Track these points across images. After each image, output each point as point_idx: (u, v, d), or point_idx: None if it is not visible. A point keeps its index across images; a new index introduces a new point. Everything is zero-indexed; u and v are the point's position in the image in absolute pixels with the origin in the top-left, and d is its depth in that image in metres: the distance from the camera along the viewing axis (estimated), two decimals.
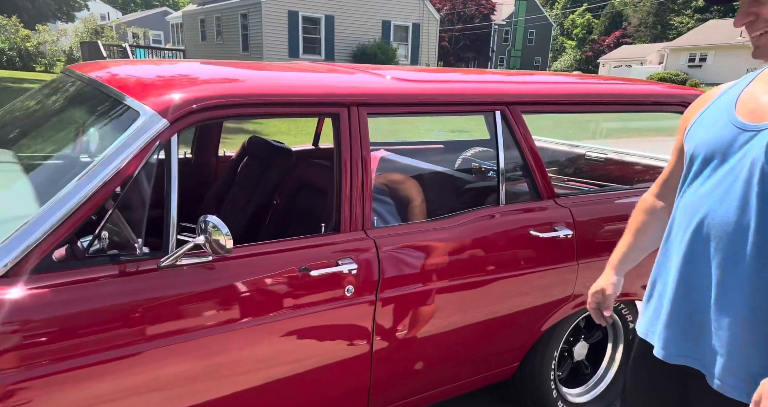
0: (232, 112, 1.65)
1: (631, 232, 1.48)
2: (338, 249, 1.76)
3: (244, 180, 2.80)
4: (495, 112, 2.09)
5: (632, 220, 1.49)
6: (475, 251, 1.96)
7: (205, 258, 1.55)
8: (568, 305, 2.14)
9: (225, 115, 1.64)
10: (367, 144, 1.87)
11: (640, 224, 1.46)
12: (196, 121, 1.59)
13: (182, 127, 1.57)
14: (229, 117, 1.67)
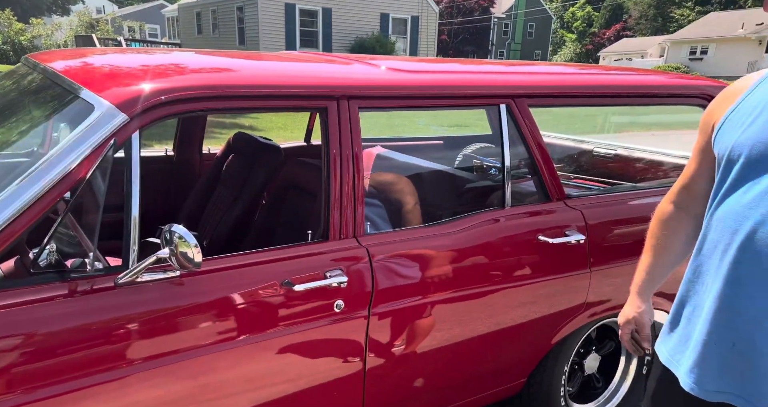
0: (205, 105, 1.45)
1: (652, 250, 1.30)
2: (326, 259, 1.57)
3: (229, 179, 2.60)
4: (499, 105, 1.89)
5: (651, 235, 1.31)
6: (478, 259, 1.77)
7: (172, 272, 1.36)
8: (580, 316, 1.96)
9: (197, 108, 1.45)
10: (358, 140, 1.67)
11: (660, 239, 1.28)
12: (162, 116, 1.39)
13: (146, 122, 1.37)
14: (202, 111, 1.47)
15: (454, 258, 1.73)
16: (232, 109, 1.51)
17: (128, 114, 1.34)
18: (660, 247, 1.28)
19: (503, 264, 1.81)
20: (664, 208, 1.28)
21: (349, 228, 1.63)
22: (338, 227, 1.62)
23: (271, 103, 1.56)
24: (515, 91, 1.92)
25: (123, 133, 1.33)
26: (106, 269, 1.30)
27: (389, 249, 1.65)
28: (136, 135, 1.35)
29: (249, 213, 2.43)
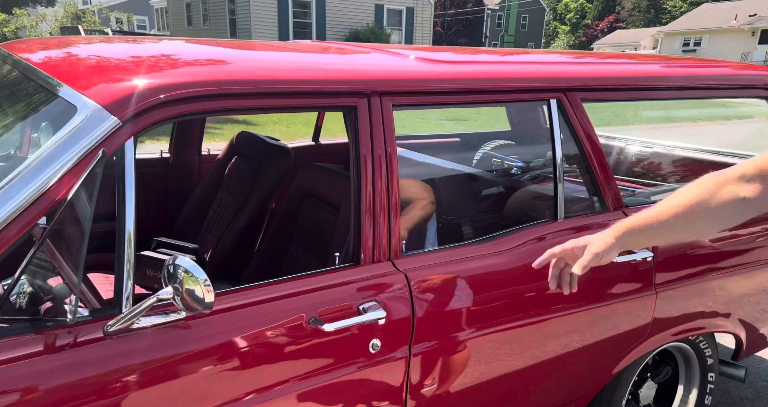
0: (213, 105, 1.19)
1: (686, 203, 1.05)
2: (359, 288, 1.31)
3: (233, 184, 2.33)
4: (550, 100, 1.63)
5: (696, 189, 1.06)
6: (531, 283, 1.51)
7: (176, 314, 1.09)
8: (644, 343, 1.71)
9: (203, 109, 1.18)
10: (393, 144, 1.41)
11: (707, 200, 1.03)
12: (162, 119, 1.12)
13: (142, 127, 1.10)
14: (210, 112, 1.21)
15: (504, 282, 1.48)
16: (244, 109, 1.24)
17: (120, 117, 1.06)
18: (699, 207, 1.04)
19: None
20: (729, 177, 1.03)
21: (383, 249, 1.37)
22: (371, 248, 1.36)
23: (291, 101, 1.30)
24: (567, 84, 1.66)
25: (113, 142, 1.06)
26: (92, 313, 1.04)
27: (430, 274, 1.40)
28: (129, 143, 1.08)
29: (256, 224, 2.16)
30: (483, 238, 1.54)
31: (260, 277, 1.84)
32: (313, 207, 1.72)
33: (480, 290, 1.44)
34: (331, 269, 1.33)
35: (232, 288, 1.21)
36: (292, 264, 1.77)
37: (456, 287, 1.42)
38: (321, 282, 1.28)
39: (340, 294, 1.28)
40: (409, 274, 1.37)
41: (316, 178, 1.72)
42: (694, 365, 1.97)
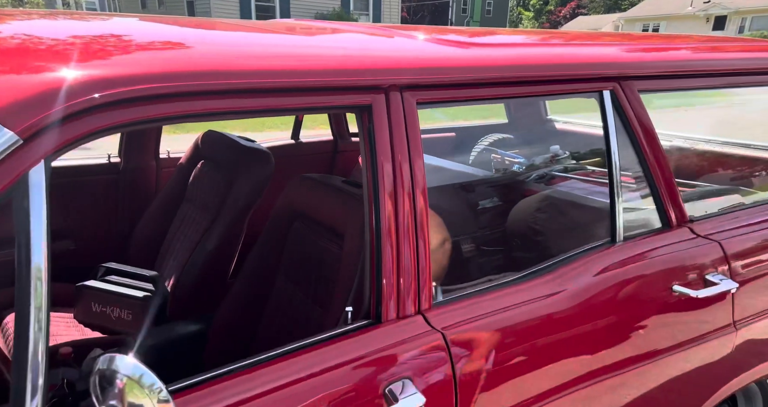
0: (173, 109, 0.80)
1: None
2: (384, 362, 0.94)
3: (199, 196, 1.92)
4: (602, 91, 1.29)
5: None
6: (599, 330, 1.17)
7: None
8: (720, 391, 1.40)
9: (158, 115, 0.79)
10: (420, 154, 1.04)
11: None
12: (91, 132, 0.73)
13: (59, 145, 0.70)
14: (168, 119, 0.81)
15: (564, 331, 1.13)
16: (217, 113, 0.85)
17: (19, 131, 0.66)
18: None
19: (630, 334, 1.22)
20: None
21: (410, 299, 1.01)
22: (395, 298, 0.99)
23: (284, 101, 0.91)
24: (621, 71, 1.32)
25: (9, 170, 0.65)
26: None
27: (474, 331, 1.04)
28: (38, 172, 0.68)
29: (229, 246, 1.76)
30: (528, 273, 1.19)
31: (238, 319, 1.47)
32: (307, 232, 1.33)
33: (536, 345, 1.09)
34: (341, 333, 0.96)
35: (194, 380, 0.82)
36: (280, 302, 1.39)
37: (508, 345, 1.06)
38: (329, 357, 0.91)
39: (358, 375, 0.91)
40: (448, 334, 1.00)
41: (311, 195, 1.33)
42: (758, 404, 1.69)
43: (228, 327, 1.45)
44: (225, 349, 1.45)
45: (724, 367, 1.38)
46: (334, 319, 1.14)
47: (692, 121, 7.00)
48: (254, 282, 1.44)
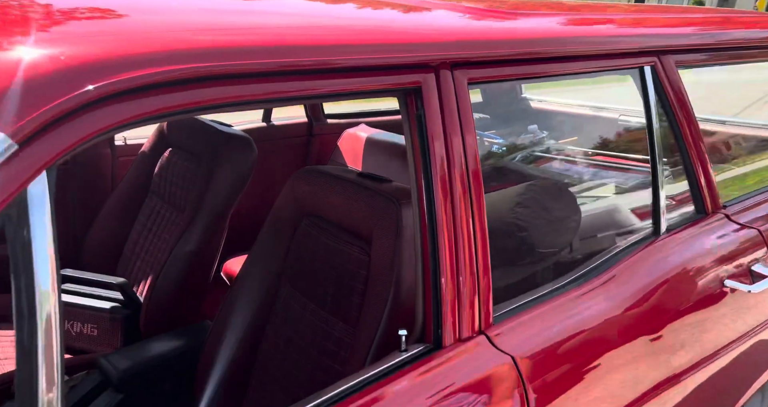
0: (190, 99, 0.60)
1: None
2: (454, 396, 0.78)
3: (169, 190, 1.67)
4: (643, 67, 1.17)
5: None
6: (658, 330, 1.07)
7: None
8: (755, 384, 1.34)
9: (172, 108, 0.58)
10: (476, 146, 0.88)
11: None
12: (97, 133, 0.52)
13: (66, 149, 0.49)
14: (183, 111, 0.61)
15: (630, 335, 1.02)
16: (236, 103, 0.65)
17: (11, 134, 0.45)
18: None
19: (689, 332, 1.12)
20: None
21: (472, 316, 0.85)
22: (457, 318, 0.83)
23: (317, 84, 0.72)
24: (661, 45, 1.20)
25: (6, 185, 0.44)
26: None
27: (541, 348, 0.90)
28: (39, 186, 0.47)
29: (210, 246, 1.54)
30: (578, 276, 1.06)
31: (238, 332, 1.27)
32: (319, 234, 1.14)
33: (609, 355, 0.97)
34: (394, 361, 0.79)
35: None
36: (288, 313, 1.20)
37: (578, 360, 0.94)
38: (393, 398, 0.74)
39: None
40: (516, 356, 0.86)
41: (322, 191, 1.13)
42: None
43: (225, 342, 1.25)
44: (222, 369, 1.25)
45: (762, 359, 1.33)
46: (368, 338, 0.97)
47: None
48: (255, 292, 1.24)
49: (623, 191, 1.52)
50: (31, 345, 0.47)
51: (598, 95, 2.92)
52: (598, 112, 2.84)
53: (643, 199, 1.28)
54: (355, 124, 2.21)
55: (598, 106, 2.88)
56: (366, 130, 2.10)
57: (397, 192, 1.01)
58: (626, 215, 1.35)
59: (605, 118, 2.74)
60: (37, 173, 0.47)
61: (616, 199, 1.43)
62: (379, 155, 1.93)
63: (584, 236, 1.26)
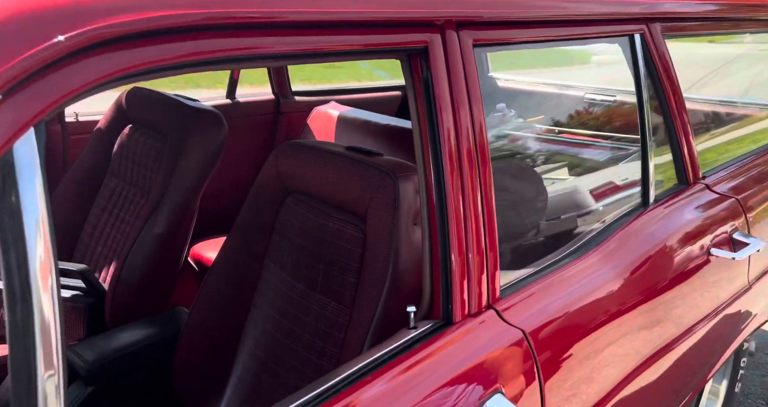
0: (183, 52, 0.52)
1: None
2: (470, 373, 0.75)
3: (132, 169, 1.55)
4: (633, 34, 1.16)
5: None
6: (653, 298, 1.07)
7: None
8: (730, 347, 1.38)
9: (170, 61, 0.51)
10: (482, 115, 0.84)
11: None
12: (110, 77, 0.45)
13: (58, 100, 0.41)
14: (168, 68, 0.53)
15: (629, 304, 1.01)
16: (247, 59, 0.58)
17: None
18: None
19: (681, 299, 1.13)
20: None
21: (482, 290, 0.82)
22: (467, 292, 0.80)
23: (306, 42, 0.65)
24: (649, 12, 1.19)
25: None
26: None
27: (550, 320, 0.88)
28: (29, 142, 0.39)
29: (181, 229, 1.44)
30: (576, 248, 1.05)
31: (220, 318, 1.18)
32: (307, 212, 1.07)
33: (610, 325, 0.96)
34: (409, 342, 0.75)
35: None
36: (274, 296, 1.13)
37: (584, 331, 0.92)
38: (393, 375, 0.70)
39: (445, 394, 0.71)
40: (527, 329, 0.83)
41: (307, 166, 1.06)
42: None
43: (206, 329, 1.18)
44: (203, 358, 1.18)
45: (738, 323, 1.37)
46: (366, 317, 0.93)
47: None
48: (236, 274, 1.17)
49: (605, 165, 1.52)
50: (26, 328, 0.39)
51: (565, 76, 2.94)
52: (564, 90, 2.86)
53: (629, 172, 1.29)
54: (325, 101, 2.13)
55: (564, 84, 2.90)
56: (337, 107, 2.02)
57: (393, 165, 0.96)
58: (612, 189, 1.35)
59: (573, 96, 2.76)
60: (24, 129, 0.39)
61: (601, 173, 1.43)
62: (353, 133, 1.86)
63: (576, 209, 1.25)
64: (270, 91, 2.21)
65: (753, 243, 1.21)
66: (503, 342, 0.80)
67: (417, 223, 0.92)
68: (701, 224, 1.21)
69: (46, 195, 0.41)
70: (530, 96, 3.00)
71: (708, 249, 1.18)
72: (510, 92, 2.95)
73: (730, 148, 1.77)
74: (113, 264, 1.51)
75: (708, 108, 2.32)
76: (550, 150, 1.85)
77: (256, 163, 2.26)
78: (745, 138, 2.02)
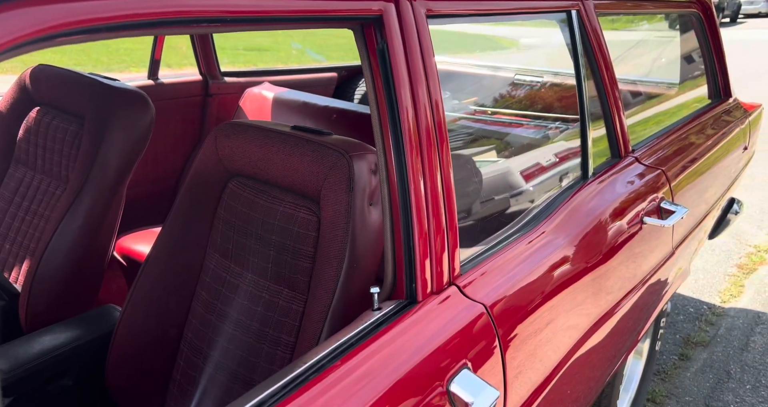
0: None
1: None
2: (439, 352, 0.74)
3: (42, 156, 1.40)
4: (570, 10, 1.19)
5: None
6: (598, 267, 1.11)
7: None
8: (656, 311, 1.47)
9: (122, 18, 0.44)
10: (438, 87, 0.82)
11: None
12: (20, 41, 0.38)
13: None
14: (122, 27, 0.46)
15: (577, 273, 1.05)
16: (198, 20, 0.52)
17: None
18: None
19: (619, 267, 1.19)
20: None
21: (444, 267, 0.81)
22: (431, 270, 0.78)
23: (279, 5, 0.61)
24: None
25: None
26: None
27: (507, 294, 0.89)
28: None
29: (105, 221, 1.33)
30: (525, 223, 1.07)
31: (158, 314, 1.09)
32: (253, 196, 1.01)
33: (561, 295, 0.99)
34: (375, 324, 0.73)
35: None
36: (219, 288, 1.06)
37: (538, 302, 0.94)
38: (362, 358, 0.68)
39: (414, 374, 0.70)
40: (487, 303, 0.84)
41: (252, 148, 0.99)
42: None
43: (143, 325, 1.09)
44: (142, 356, 1.10)
45: (664, 286, 1.47)
46: (322, 302, 0.89)
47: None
48: (175, 265, 1.09)
49: (546, 142, 1.56)
50: None
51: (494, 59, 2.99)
52: (496, 71, 2.91)
53: (568, 147, 1.33)
54: (257, 82, 2.03)
55: (495, 66, 2.96)
56: (271, 88, 1.94)
57: (345, 144, 0.92)
58: (554, 164, 1.39)
59: (504, 76, 2.82)
60: None
61: (543, 150, 1.46)
62: (291, 115, 1.79)
63: (523, 185, 1.28)
64: (197, 72, 2.07)
65: (678, 211, 1.30)
66: (466, 317, 0.79)
67: (372, 203, 0.89)
68: (635, 194, 1.27)
69: None
70: (464, 78, 3.03)
71: (642, 217, 1.25)
72: (443, 74, 2.98)
73: (648, 124, 1.88)
74: (26, 262, 1.36)
75: (625, 87, 2.46)
76: (489, 130, 1.88)
77: (184, 148, 2.13)
78: (660, 114, 2.16)
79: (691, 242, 1.62)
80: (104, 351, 1.12)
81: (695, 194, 1.57)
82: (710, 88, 2.05)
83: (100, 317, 1.24)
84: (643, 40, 2.81)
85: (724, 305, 2.59)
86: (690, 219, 1.55)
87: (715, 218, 1.97)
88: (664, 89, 2.37)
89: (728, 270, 2.91)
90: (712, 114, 1.89)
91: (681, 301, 2.62)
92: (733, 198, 2.16)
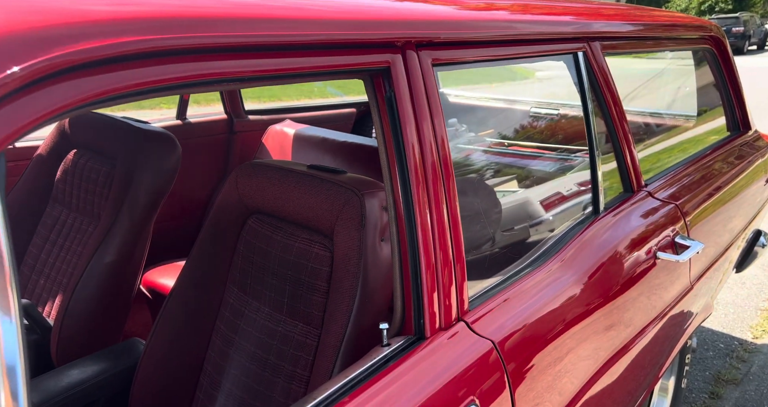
0: (144, 79, 0.51)
1: None
2: (446, 388, 0.76)
3: (77, 196, 1.49)
4: (577, 52, 1.23)
5: None
6: (609, 303, 1.12)
7: None
8: (677, 346, 1.45)
9: (132, 87, 0.50)
10: (445, 131, 0.86)
11: None
12: (69, 107, 0.43)
13: (22, 128, 0.40)
14: (140, 92, 0.52)
15: (588, 309, 1.05)
16: (219, 80, 0.58)
17: None
18: None
19: (635, 302, 1.19)
20: None
21: (452, 304, 0.83)
22: (439, 306, 0.81)
23: (285, 61, 0.66)
24: (590, 31, 1.26)
25: None
26: None
27: (516, 330, 0.90)
28: None
29: (133, 257, 1.39)
30: (534, 258, 1.08)
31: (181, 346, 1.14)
32: (271, 233, 1.06)
33: (572, 332, 0.99)
34: (384, 359, 0.75)
35: None
36: (237, 320, 1.10)
37: (549, 339, 0.95)
38: (371, 395, 0.70)
39: None
40: (496, 339, 0.85)
41: (270, 187, 1.05)
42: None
43: (166, 358, 1.13)
44: (164, 389, 1.13)
45: (683, 322, 1.45)
46: (335, 337, 0.92)
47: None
48: (197, 300, 1.13)
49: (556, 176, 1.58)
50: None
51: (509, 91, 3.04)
52: (512, 104, 2.96)
53: (579, 182, 1.35)
54: (279, 119, 2.12)
55: (511, 99, 3.01)
56: (292, 125, 2.02)
57: (357, 182, 0.97)
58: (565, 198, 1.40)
59: (520, 110, 2.87)
60: None
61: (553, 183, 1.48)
62: (310, 151, 1.86)
63: (532, 219, 1.30)
64: (222, 111, 2.18)
65: (693, 246, 1.29)
66: (474, 353, 0.81)
67: (384, 240, 0.93)
68: (648, 229, 1.28)
69: (5, 222, 0.39)
70: (480, 111, 3.09)
71: (655, 252, 1.25)
72: (461, 107, 3.04)
73: (662, 157, 1.89)
74: (59, 296, 1.43)
75: (640, 119, 2.47)
76: (503, 162, 1.91)
77: (210, 185, 2.22)
78: (674, 147, 2.16)
79: (714, 274, 1.60)
80: (129, 384, 1.16)
81: (713, 227, 1.56)
82: (728, 120, 2.05)
83: (126, 350, 1.29)
84: (663, 70, 2.82)
85: (756, 341, 2.51)
86: (710, 252, 1.54)
87: (740, 250, 1.94)
88: (682, 121, 2.37)
89: (760, 304, 2.82)
90: (729, 146, 1.89)
91: (710, 336, 2.55)
92: (759, 230, 2.12)
